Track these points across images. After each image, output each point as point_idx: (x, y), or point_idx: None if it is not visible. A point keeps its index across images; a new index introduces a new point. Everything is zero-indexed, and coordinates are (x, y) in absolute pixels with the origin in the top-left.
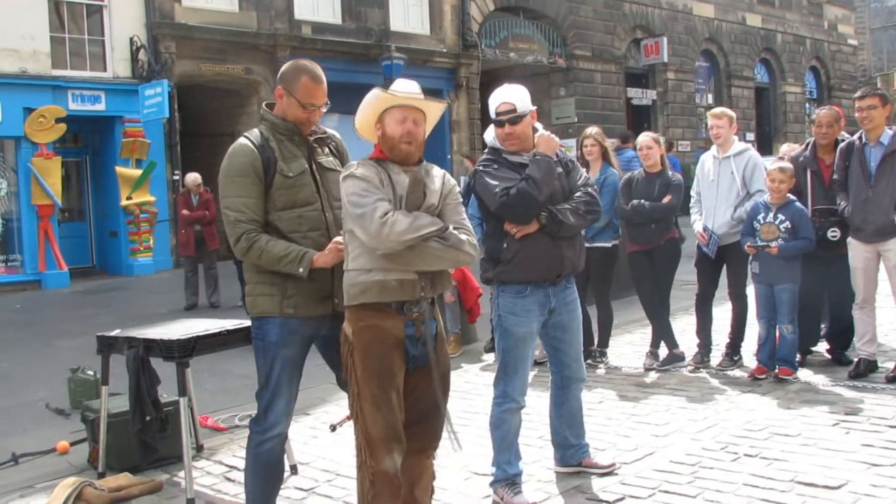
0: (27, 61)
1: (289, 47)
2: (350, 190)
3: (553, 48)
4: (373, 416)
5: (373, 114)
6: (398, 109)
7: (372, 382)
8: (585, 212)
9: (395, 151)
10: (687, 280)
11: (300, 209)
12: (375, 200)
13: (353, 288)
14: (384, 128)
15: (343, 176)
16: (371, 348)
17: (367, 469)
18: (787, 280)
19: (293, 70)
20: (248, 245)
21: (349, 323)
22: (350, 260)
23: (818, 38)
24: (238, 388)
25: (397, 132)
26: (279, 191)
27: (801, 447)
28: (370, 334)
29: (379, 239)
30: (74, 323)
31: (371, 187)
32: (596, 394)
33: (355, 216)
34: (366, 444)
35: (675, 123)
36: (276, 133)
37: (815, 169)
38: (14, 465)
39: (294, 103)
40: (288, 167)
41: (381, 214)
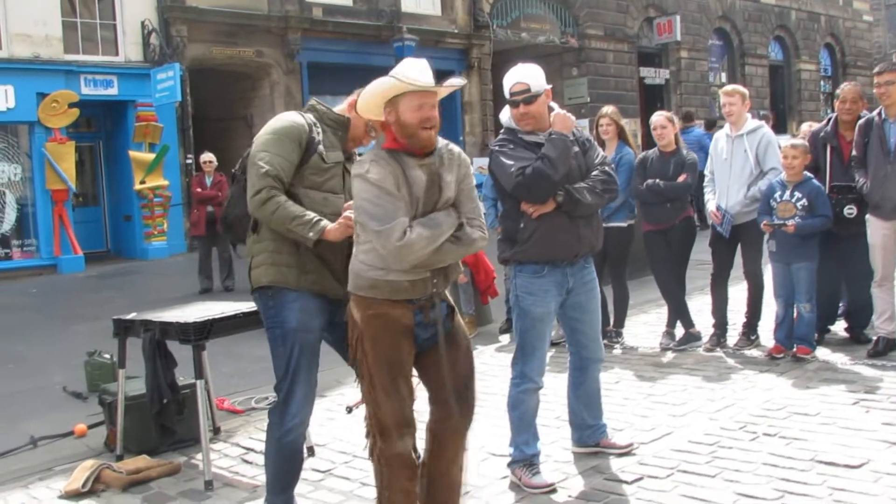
0: (39, 46)
1: (300, 29)
2: (361, 195)
3: (565, 28)
4: (384, 403)
5: (382, 98)
6: (414, 95)
7: (383, 371)
8: (602, 190)
9: (415, 139)
10: (702, 259)
11: (327, 193)
12: (392, 215)
13: (362, 280)
14: (398, 115)
15: (355, 173)
16: (381, 337)
17: (379, 453)
18: (804, 258)
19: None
20: (267, 197)
21: (357, 309)
22: (360, 251)
23: (833, 15)
24: (254, 371)
25: (415, 119)
26: (312, 170)
27: (821, 426)
28: (380, 323)
29: (396, 261)
30: (90, 307)
31: (384, 195)
32: (612, 374)
33: (372, 230)
34: (378, 430)
35: (688, 102)
36: (323, 123)
37: (835, 145)
38: (33, 448)
39: (363, 119)
40: (327, 154)
41: (399, 237)
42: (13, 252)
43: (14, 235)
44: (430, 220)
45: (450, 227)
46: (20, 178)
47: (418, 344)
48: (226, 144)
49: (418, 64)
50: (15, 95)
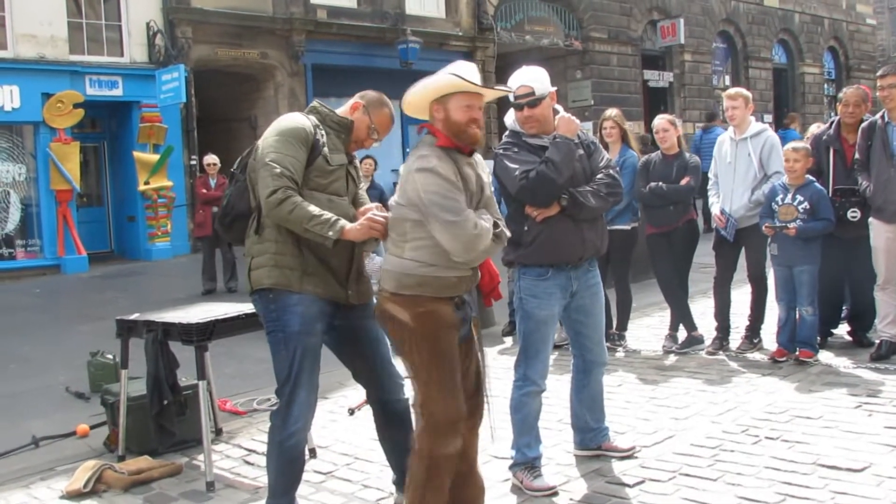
0: (45, 47)
1: (304, 31)
2: (431, 188)
3: (569, 30)
4: (444, 400)
5: (437, 93)
6: (464, 96)
7: (440, 367)
8: (607, 194)
9: (464, 136)
10: (705, 263)
11: (332, 195)
12: (463, 207)
13: (409, 279)
14: (447, 112)
15: (419, 167)
16: (436, 334)
17: (429, 452)
18: (806, 262)
19: (380, 99)
20: (284, 196)
21: (403, 308)
22: (408, 248)
23: (836, 18)
24: (257, 372)
25: (464, 118)
26: (317, 172)
27: (823, 430)
28: (432, 320)
29: (468, 252)
30: (93, 307)
31: (453, 188)
32: (615, 377)
33: (445, 221)
34: (435, 430)
35: (692, 105)
36: (326, 125)
37: (837, 148)
38: (35, 448)
39: (365, 121)
40: (331, 156)
41: (474, 226)
42: (17, 252)
43: (18, 235)
44: (483, 216)
45: (492, 223)
46: (24, 178)
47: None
48: (230, 146)
49: (470, 67)
50: (20, 95)
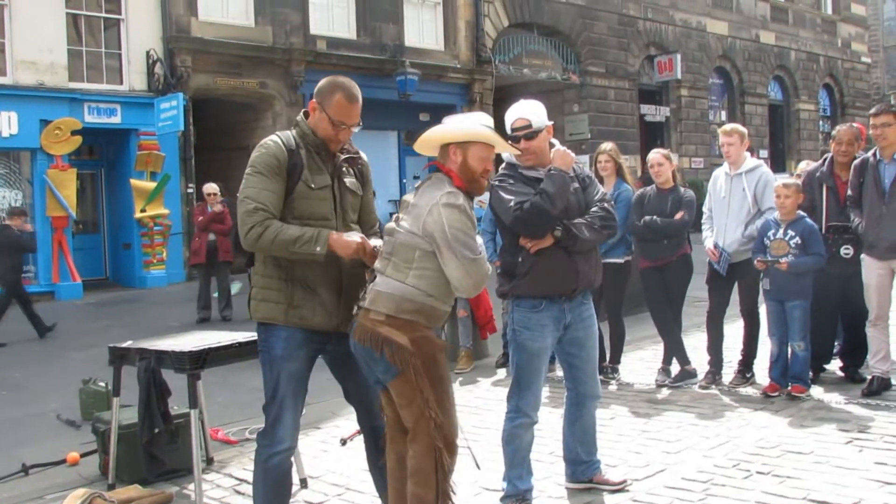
0: (44, 74)
1: (304, 62)
2: (457, 224)
3: (567, 64)
4: (448, 419)
5: (461, 138)
6: (485, 147)
7: (442, 388)
8: (601, 227)
9: (474, 184)
10: (699, 296)
11: (316, 222)
12: (478, 246)
13: (408, 304)
14: (466, 158)
15: (447, 202)
16: (434, 357)
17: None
18: (798, 297)
19: (329, 86)
20: (262, 230)
21: (401, 332)
22: (412, 276)
23: (832, 56)
24: (249, 402)
25: (479, 167)
26: (299, 199)
27: (814, 465)
28: (430, 344)
29: (475, 288)
30: (87, 334)
31: (473, 229)
32: (608, 410)
33: (465, 258)
34: (445, 447)
35: (688, 140)
36: (306, 143)
37: (831, 185)
38: (24, 475)
39: (325, 119)
40: (312, 178)
41: (487, 271)
42: None
43: None
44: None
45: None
46: (21, 205)
47: None
48: (227, 174)
49: (486, 119)
50: (18, 122)
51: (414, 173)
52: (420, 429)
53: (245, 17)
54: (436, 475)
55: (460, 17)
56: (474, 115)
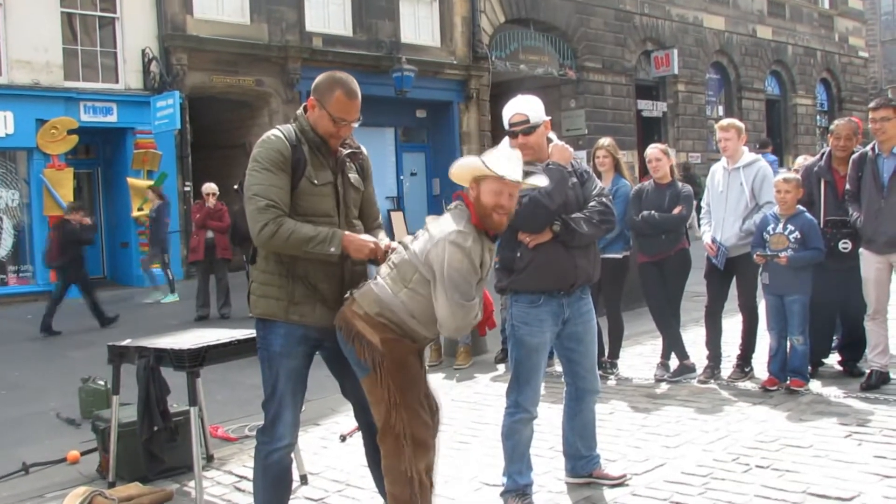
0: (40, 73)
1: (300, 59)
2: (456, 265)
3: (563, 60)
4: (415, 420)
5: (470, 174)
6: (496, 181)
7: (412, 390)
8: (599, 221)
9: (488, 220)
10: (697, 291)
11: (319, 218)
12: (474, 294)
13: (391, 314)
14: (479, 194)
15: (454, 241)
16: (404, 359)
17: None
18: (797, 291)
19: (328, 82)
20: (275, 228)
21: (372, 330)
22: (405, 294)
23: (829, 51)
24: (248, 399)
25: (491, 202)
26: (303, 196)
27: (813, 459)
28: (400, 347)
29: (457, 332)
30: (85, 333)
31: (473, 274)
32: (607, 405)
33: (454, 301)
34: (412, 447)
35: (685, 135)
36: (306, 139)
37: (829, 179)
38: (24, 474)
39: (325, 116)
40: (315, 174)
41: (475, 316)
42: (9, 278)
43: (10, 261)
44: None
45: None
46: (18, 204)
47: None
48: (224, 172)
49: (511, 155)
50: (14, 121)
51: (411, 170)
52: (388, 428)
53: (240, 14)
54: (408, 474)
55: (456, 13)
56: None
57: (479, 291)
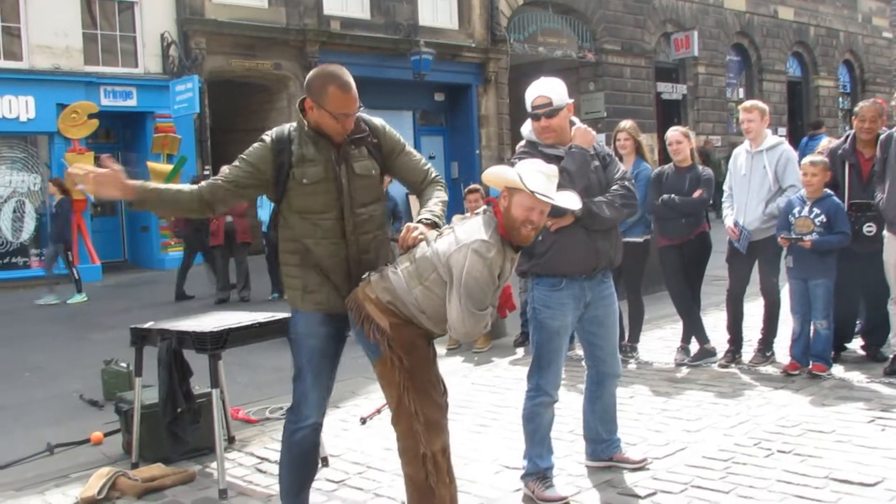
0: (60, 58)
1: (318, 42)
2: (474, 273)
3: (582, 42)
4: (426, 401)
5: (504, 183)
6: (530, 197)
7: (422, 371)
8: (622, 205)
9: (515, 233)
10: (718, 275)
11: (315, 216)
12: (487, 304)
13: (402, 307)
14: (511, 205)
15: (477, 249)
16: (413, 342)
17: (429, 449)
18: (821, 275)
19: (320, 80)
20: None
21: (381, 315)
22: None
23: (852, 32)
24: (269, 382)
25: (521, 216)
26: (294, 196)
27: (836, 444)
28: (409, 330)
29: (466, 336)
30: (107, 316)
31: (490, 284)
32: (627, 389)
33: (467, 309)
34: (424, 428)
35: (705, 118)
36: (302, 135)
37: (853, 162)
38: (49, 455)
39: (325, 115)
40: (303, 172)
41: (485, 326)
42: (31, 261)
43: (32, 245)
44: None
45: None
46: (39, 188)
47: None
48: None
49: (549, 172)
50: (35, 106)
51: (429, 153)
52: (400, 410)
53: None
54: (422, 454)
55: None
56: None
57: (494, 299)
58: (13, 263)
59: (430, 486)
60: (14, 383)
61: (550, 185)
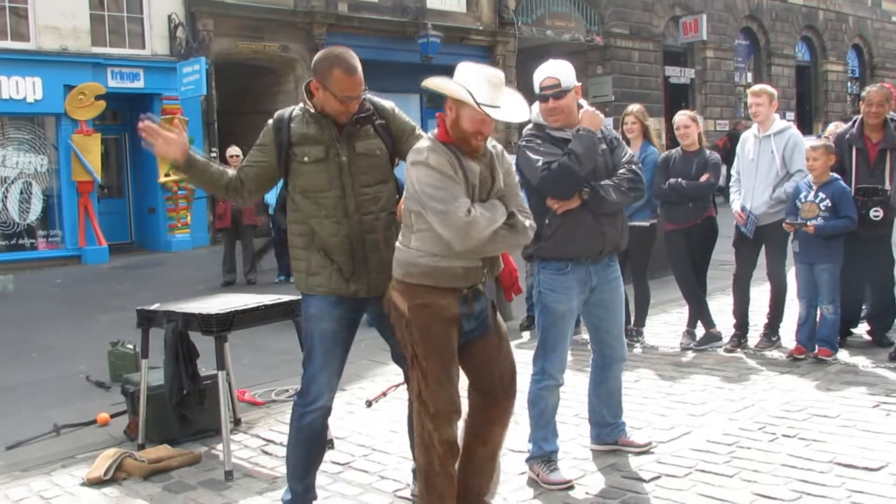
0: (67, 39)
1: (325, 25)
2: (423, 180)
3: (590, 26)
4: (437, 392)
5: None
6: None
7: (435, 360)
8: (628, 189)
9: (464, 144)
10: (724, 260)
11: (317, 195)
12: (455, 196)
13: (414, 268)
14: (458, 117)
15: (413, 160)
16: (431, 326)
17: (434, 440)
18: (827, 260)
19: (326, 63)
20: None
21: (402, 298)
22: (414, 239)
23: (861, 16)
24: (275, 364)
25: (471, 129)
26: (296, 174)
27: (841, 428)
28: (429, 312)
29: (463, 240)
30: (114, 297)
31: (445, 178)
32: (633, 373)
33: (436, 211)
34: (430, 419)
35: (713, 102)
36: (306, 115)
37: (860, 147)
38: (56, 436)
39: (330, 97)
40: (302, 152)
41: (465, 214)
42: (38, 242)
43: (40, 226)
44: (488, 204)
45: (503, 214)
46: (46, 170)
47: (463, 335)
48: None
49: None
50: (42, 87)
51: None
52: (413, 394)
53: None
54: (427, 442)
55: None
56: (484, 70)
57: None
58: (20, 245)
59: (432, 475)
60: (21, 364)
61: (498, 92)
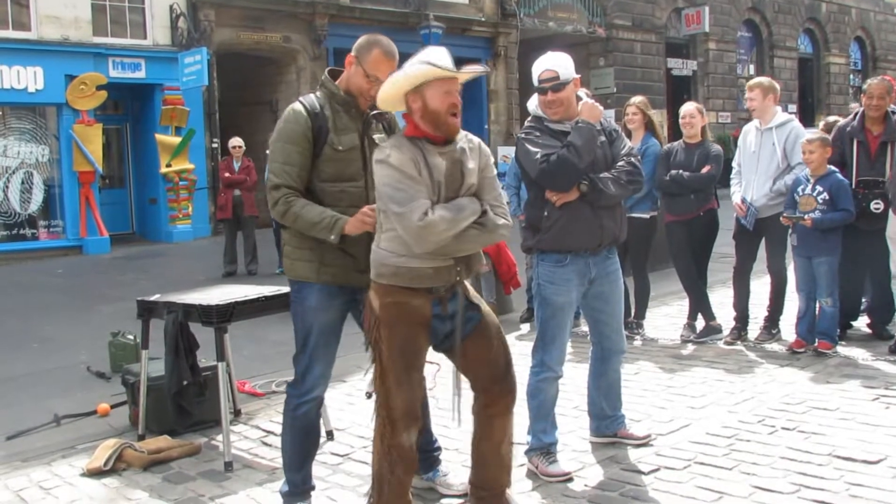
0: (69, 28)
1: (327, 15)
2: (384, 179)
3: (592, 17)
4: (394, 393)
5: (411, 84)
6: (441, 82)
7: (396, 360)
8: (627, 181)
9: (442, 126)
10: (725, 252)
11: (344, 184)
12: (413, 197)
13: (384, 268)
14: (425, 102)
15: (376, 159)
16: (398, 326)
17: (386, 442)
18: (825, 253)
19: (368, 42)
20: (285, 209)
21: (375, 296)
22: (383, 239)
23: (864, 8)
24: (275, 355)
25: (444, 105)
26: (326, 162)
27: (840, 421)
28: (397, 312)
29: (418, 243)
30: (115, 288)
31: (405, 178)
32: (633, 365)
33: (393, 213)
34: (387, 419)
35: (715, 94)
36: (333, 103)
37: (861, 139)
38: (56, 426)
39: (360, 73)
40: (339, 140)
41: (420, 217)
42: (40, 233)
43: (41, 216)
44: (452, 204)
45: (472, 212)
46: (48, 160)
47: (436, 337)
48: (251, 129)
49: (440, 52)
50: (44, 77)
51: None
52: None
53: None
54: (380, 445)
55: None
56: (420, 54)
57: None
58: (21, 235)
59: (383, 480)
60: (22, 354)
61: (448, 60)
